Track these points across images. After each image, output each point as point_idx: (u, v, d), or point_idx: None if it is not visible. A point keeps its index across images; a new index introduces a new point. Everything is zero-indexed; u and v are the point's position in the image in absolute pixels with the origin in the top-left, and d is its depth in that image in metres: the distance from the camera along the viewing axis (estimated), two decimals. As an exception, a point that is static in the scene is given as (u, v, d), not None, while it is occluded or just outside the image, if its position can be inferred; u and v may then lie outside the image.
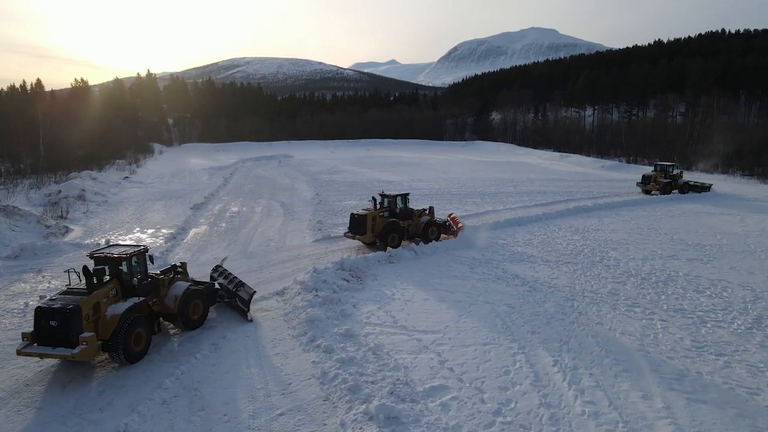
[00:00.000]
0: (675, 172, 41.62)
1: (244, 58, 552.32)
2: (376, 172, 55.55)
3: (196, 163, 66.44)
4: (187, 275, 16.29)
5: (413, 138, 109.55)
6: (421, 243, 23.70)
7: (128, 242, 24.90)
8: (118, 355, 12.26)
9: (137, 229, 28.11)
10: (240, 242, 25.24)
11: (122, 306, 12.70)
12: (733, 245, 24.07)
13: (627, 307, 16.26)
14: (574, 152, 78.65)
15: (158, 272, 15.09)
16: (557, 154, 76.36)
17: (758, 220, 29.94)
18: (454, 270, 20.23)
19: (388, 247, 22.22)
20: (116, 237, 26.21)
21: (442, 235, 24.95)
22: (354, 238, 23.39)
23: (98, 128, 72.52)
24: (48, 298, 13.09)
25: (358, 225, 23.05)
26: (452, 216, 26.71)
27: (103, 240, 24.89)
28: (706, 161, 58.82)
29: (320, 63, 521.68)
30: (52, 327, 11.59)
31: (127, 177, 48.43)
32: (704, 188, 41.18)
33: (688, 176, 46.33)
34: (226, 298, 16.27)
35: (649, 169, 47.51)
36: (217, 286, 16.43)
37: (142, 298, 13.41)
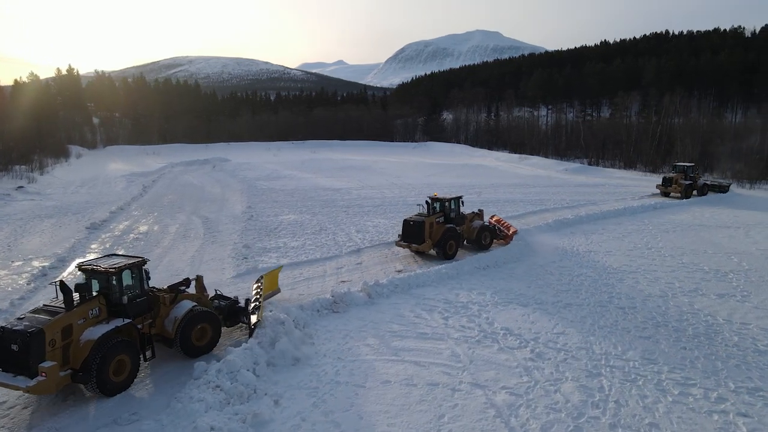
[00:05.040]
0: (694, 174, 38.87)
1: (186, 56, 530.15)
2: (321, 177, 49.52)
3: (117, 168, 58.26)
4: (203, 291, 13.52)
5: (362, 139, 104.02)
6: (478, 249, 21.89)
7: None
8: (92, 387, 10.35)
9: (-1, 260, 21.16)
10: (134, 280, 18.82)
11: (100, 330, 10.59)
12: (759, 271, 19.62)
13: (680, 388, 11.15)
14: (531, 153, 75.15)
15: (164, 288, 12.74)
16: (516, 155, 72.40)
17: (765, 234, 25.88)
18: (421, 322, 14.73)
19: (338, 287, 16.51)
20: (-38, 275, 19.29)
21: (494, 242, 22.58)
22: (408, 248, 21.10)
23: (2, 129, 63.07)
24: (17, 316, 10.90)
25: (415, 233, 20.63)
26: (498, 218, 23.71)
27: (-63, 282, 17.99)
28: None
29: (266, 63, 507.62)
30: (13, 351, 9.69)
31: (21, 187, 40.27)
32: (723, 188, 39.18)
33: (656, 179, 42.79)
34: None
35: (618, 172, 43.79)
36: (242, 303, 14.00)
37: (128, 320, 11.13)
